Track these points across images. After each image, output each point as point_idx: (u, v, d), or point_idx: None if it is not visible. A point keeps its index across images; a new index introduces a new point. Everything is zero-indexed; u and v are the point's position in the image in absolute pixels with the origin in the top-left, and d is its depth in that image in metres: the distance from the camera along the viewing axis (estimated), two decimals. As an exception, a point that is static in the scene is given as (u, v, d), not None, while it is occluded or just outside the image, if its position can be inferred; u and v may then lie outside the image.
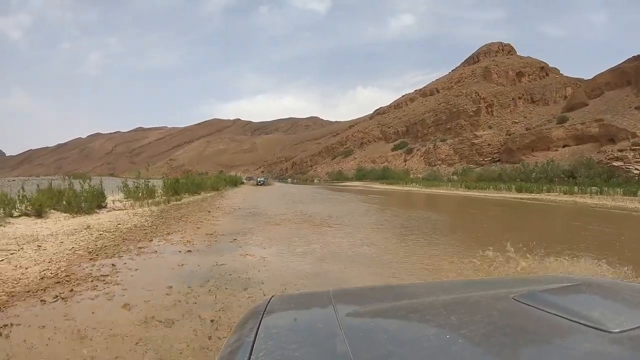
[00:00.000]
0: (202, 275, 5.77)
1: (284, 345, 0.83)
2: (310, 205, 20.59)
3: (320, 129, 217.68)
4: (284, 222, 12.75)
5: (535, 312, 0.96)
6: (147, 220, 11.85)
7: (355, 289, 1.50)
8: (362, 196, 31.05)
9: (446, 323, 0.92)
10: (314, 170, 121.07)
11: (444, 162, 71.41)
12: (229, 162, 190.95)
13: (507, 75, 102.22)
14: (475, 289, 1.34)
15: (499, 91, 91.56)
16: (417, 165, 77.33)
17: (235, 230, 10.69)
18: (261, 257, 7.14)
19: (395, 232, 11.29)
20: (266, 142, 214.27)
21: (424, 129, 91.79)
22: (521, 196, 30.38)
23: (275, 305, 1.13)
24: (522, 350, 0.78)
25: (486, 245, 7.45)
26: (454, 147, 71.81)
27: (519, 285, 1.31)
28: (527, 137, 59.13)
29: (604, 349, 0.77)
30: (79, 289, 4.94)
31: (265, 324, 0.96)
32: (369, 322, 0.97)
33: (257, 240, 9.25)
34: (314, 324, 0.98)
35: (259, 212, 16.34)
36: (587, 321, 0.87)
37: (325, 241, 9.18)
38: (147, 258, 6.96)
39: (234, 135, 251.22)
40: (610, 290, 1.27)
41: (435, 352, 0.77)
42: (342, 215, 15.05)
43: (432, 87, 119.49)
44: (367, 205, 21.57)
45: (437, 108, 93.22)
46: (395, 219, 14.90)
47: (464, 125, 79.10)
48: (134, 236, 9.01)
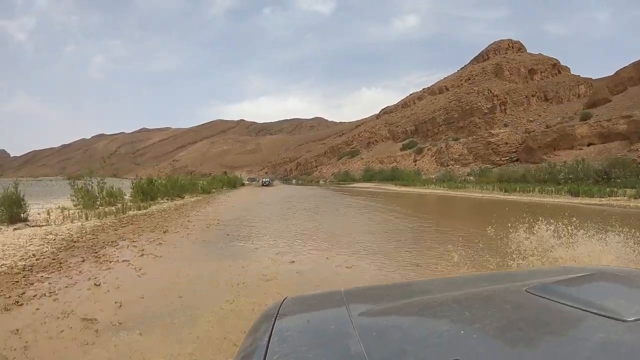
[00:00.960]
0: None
1: (298, 348, 0.82)
2: (325, 217, 15.41)
3: (324, 130, 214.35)
4: (283, 265, 7.31)
5: (548, 303, 0.96)
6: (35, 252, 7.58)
7: (367, 288, 1.43)
8: (384, 201, 26.59)
9: (459, 318, 0.92)
10: (319, 171, 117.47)
11: (457, 162, 67.46)
12: (232, 163, 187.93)
13: (519, 72, 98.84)
14: (487, 282, 1.34)
15: (512, 89, 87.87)
16: (428, 165, 73.43)
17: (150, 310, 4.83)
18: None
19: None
20: (270, 143, 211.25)
21: (434, 128, 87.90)
22: (587, 201, 24.91)
23: (288, 307, 1.11)
24: (536, 343, 0.78)
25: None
26: (468, 146, 67.82)
27: (531, 278, 1.31)
28: (548, 135, 55.12)
29: (618, 338, 0.77)
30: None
31: (278, 326, 0.95)
32: (381, 320, 0.97)
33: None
34: (327, 325, 0.97)
35: (244, 233, 11.25)
36: (601, 311, 0.86)
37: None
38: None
39: (238, 136, 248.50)
40: (624, 280, 1.26)
41: (450, 348, 0.76)
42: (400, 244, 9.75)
43: (440, 85, 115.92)
44: (411, 220, 15.33)
45: (448, 106, 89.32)
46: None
47: (478, 124, 75.09)
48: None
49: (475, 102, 79.66)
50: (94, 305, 4.91)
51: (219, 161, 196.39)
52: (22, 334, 3.99)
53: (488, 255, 6.82)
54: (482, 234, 8.78)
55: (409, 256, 8.27)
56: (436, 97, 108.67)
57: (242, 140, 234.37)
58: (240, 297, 5.16)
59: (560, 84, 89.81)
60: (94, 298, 5.19)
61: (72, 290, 5.46)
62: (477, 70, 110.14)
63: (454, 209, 22.53)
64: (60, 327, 4.18)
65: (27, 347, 3.70)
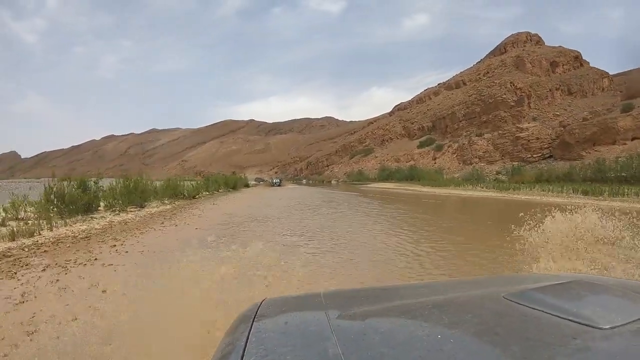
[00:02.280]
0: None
1: (276, 349, 0.82)
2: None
3: (335, 129, 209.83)
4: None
5: (526, 310, 0.97)
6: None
7: (346, 291, 1.44)
8: (438, 214, 20.25)
9: (438, 323, 0.93)
10: (330, 170, 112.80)
11: (482, 159, 62.11)
12: (242, 163, 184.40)
13: (540, 65, 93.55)
14: (466, 288, 1.34)
15: (535, 82, 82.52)
16: (450, 163, 68.14)
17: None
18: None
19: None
20: (280, 143, 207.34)
21: (453, 124, 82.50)
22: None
23: (267, 308, 1.11)
24: (513, 349, 0.79)
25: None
26: (493, 142, 62.47)
27: (510, 284, 1.32)
28: (587, 129, 49.57)
29: (594, 345, 0.78)
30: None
31: (256, 327, 0.96)
32: (360, 324, 0.97)
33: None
34: (305, 327, 0.97)
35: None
36: (578, 318, 0.88)
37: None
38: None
39: (248, 135, 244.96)
40: (601, 287, 1.28)
41: (428, 353, 0.77)
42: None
43: (457, 80, 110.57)
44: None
45: (468, 100, 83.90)
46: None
47: (504, 117, 69.53)
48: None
49: (500, 95, 74.09)
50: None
51: (228, 161, 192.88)
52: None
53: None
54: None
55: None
56: (453, 91, 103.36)
57: (251, 140, 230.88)
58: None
59: (584, 77, 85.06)
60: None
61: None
62: (496, 63, 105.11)
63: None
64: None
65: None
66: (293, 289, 5.01)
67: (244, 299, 3.53)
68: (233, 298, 3.74)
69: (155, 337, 3.60)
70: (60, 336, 4.09)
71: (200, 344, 3.18)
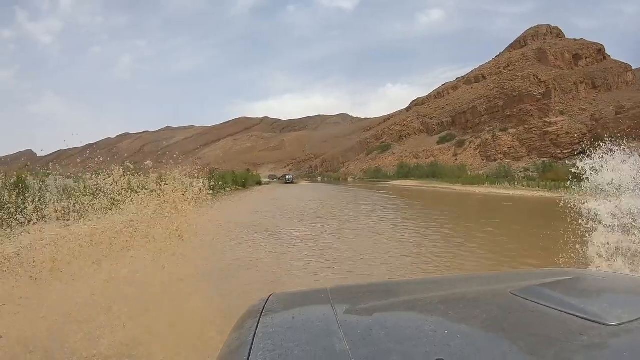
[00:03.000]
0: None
1: (283, 344, 0.83)
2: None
3: (350, 125, 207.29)
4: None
5: (532, 306, 0.97)
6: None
7: (352, 286, 1.43)
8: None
9: (444, 319, 0.94)
10: (346, 167, 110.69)
11: (507, 155, 59.25)
12: (256, 160, 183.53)
13: (563, 57, 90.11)
14: (472, 284, 1.35)
15: (559, 75, 79.09)
16: (472, 160, 65.36)
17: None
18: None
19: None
20: (294, 140, 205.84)
21: (474, 118, 79.49)
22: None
23: (274, 304, 1.12)
24: (520, 344, 0.79)
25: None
26: (519, 137, 59.55)
27: (517, 280, 1.32)
28: (622, 122, 46.43)
29: (601, 342, 0.78)
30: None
31: (263, 322, 0.97)
32: (367, 319, 0.97)
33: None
34: (312, 322, 0.98)
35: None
36: (585, 314, 0.88)
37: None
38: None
39: (262, 133, 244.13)
40: (607, 283, 1.29)
41: (434, 348, 0.77)
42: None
43: (477, 74, 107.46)
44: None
45: (490, 94, 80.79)
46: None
47: (529, 111, 66.29)
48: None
49: (524, 88, 70.84)
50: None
51: (242, 158, 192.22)
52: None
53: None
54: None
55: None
56: (472, 86, 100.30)
57: (265, 137, 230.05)
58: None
59: (608, 71, 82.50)
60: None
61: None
62: (517, 56, 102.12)
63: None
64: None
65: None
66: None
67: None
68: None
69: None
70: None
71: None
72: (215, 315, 4.27)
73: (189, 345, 3.54)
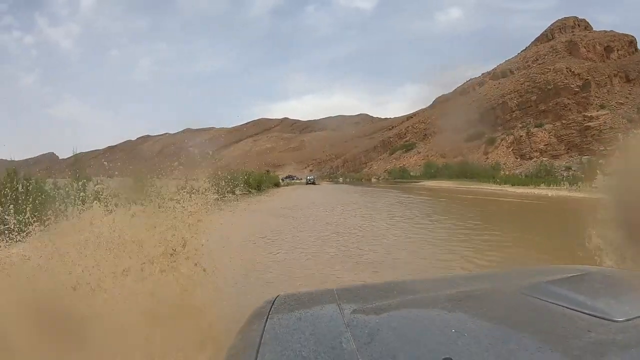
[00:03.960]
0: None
1: (290, 345, 0.83)
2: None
3: (371, 125, 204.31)
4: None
5: (540, 303, 0.98)
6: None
7: (359, 286, 1.46)
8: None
9: (451, 317, 0.94)
10: (368, 167, 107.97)
11: (544, 153, 55.72)
12: (276, 161, 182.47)
13: (595, 50, 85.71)
14: (479, 282, 1.36)
15: (592, 67, 74.89)
16: (505, 158, 61.90)
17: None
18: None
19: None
20: (314, 140, 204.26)
21: (505, 114, 75.69)
22: None
23: (280, 305, 1.12)
24: (527, 342, 0.80)
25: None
26: (556, 133, 55.96)
27: (524, 277, 1.33)
28: (676, 115, 42.65)
29: (608, 338, 0.78)
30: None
31: (270, 324, 0.96)
32: (374, 319, 0.97)
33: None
34: (319, 323, 0.98)
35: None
36: (592, 311, 0.88)
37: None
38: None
39: (282, 133, 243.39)
40: (615, 280, 1.30)
41: (441, 347, 0.78)
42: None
43: (503, 69, 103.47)
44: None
45: (521, 88, 76.92)
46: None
47: (567, 105, 62.26)
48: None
49: (560, 80, 66.91)
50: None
51: (262, 159, 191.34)
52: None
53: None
54: None
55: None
56: (500, 81, 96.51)
57: (285, 137, 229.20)
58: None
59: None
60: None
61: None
62: (545, 49, 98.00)
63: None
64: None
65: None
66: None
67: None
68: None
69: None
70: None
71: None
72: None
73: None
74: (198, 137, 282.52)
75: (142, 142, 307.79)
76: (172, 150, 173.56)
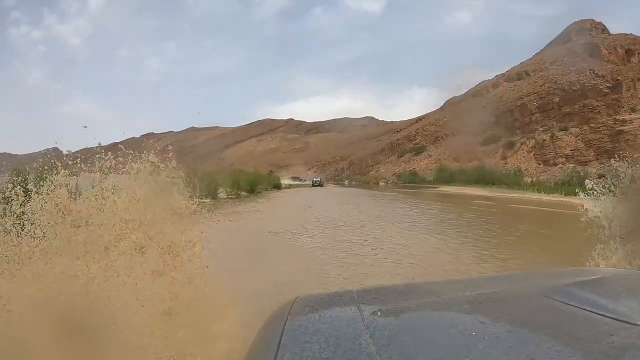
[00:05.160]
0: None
1: (310, 347, 0.83)
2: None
3: (377, 128, 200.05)
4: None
5: (561, 306, 0.97)
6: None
7: (378, 288, 1.42)
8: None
9: (471, 320, 0.93)
10: (375, 170, 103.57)
11: (571, 158, 51.19)
12: (279, 162, 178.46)
13: (616, 52, 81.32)
14: (500, 284, 1.36)
15: (615, 70, 70.41)
16: (526, 163, 57.39)
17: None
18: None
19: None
20: (320, 141, 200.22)
21: (524, 117, 71.17)
22: None
23: (300, 306, 1.12)
24: (549, 345, 0.79)
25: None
26: (584, 137, 51.40)
27: (545, 280, 1.34)
28: None
29: (631, 342, 0.78)
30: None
31: (290, 325, 0.96)
32: (393, 321, 0.98)
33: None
34: (338, 325, 0.98)
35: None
36: (614, 314, 0.87)
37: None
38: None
39: (286, 134, 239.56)
40: (634, 282, 1.28)
41: (462, 350, 0.78)
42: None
43: (519, 71, 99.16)
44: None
45: (540, 90, 72.46)
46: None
47: (595, 108, 57.65)
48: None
49: (587, 81, 62.31)
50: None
51: (266, 159, 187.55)
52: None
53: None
54: None
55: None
56: (515, 83, 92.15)
57: (290, 138, 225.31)
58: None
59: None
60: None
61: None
62: (562, 51, 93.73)
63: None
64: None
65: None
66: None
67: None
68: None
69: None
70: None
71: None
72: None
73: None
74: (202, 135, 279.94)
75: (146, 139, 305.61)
76: (175, 148, 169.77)
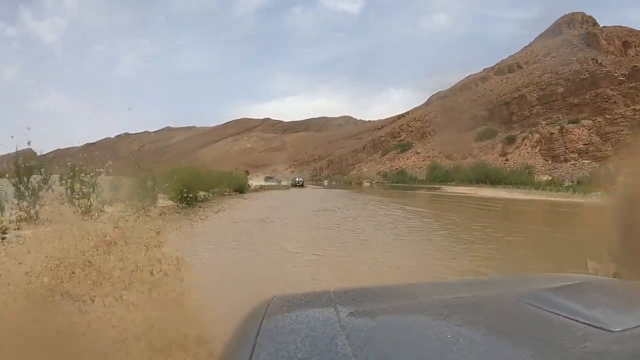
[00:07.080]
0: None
1: (285, 347, 0.83)
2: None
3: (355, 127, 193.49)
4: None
5: (536, 311, 0.97)
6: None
7: (356, 289, 1.43)
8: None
9: (448, 323, 0.93)
10: (357, 169, 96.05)
11: (585, 154, 44.34)
12: (256, 162, 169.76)
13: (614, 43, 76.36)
14: (477, 288, 1.36)
15: (616, 61, 64.93)
16: (531, 160, 50.47)
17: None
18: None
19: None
20: (297, 140, 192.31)
21: (523, 110, 64.64)
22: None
23: (276, 306, 1.11)
24: (523, 350, 0.79)
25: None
26: (599, 130, 44.60)
27: (521, 285, 1.35)
28: None
29: (604, 348, 0.78)
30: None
31: (265, 325, 0.96)
32: (370, 322, 0.98)
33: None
34: (315, 325, 0.97)
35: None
36: (588, 320, 0.88)
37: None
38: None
39: (262, 134, 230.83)
40: (611, 289, 1.30)
41: (437, 353, 0.78)
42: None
43: (510, 63, 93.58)
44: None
45: (540, 80, 66.11)
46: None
47: (610, 97, 50.96)
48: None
49: (598, 69, 55.87)
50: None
51: (242, 159, 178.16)
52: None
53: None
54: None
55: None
56: (507, 75, 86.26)
57: (266, 137, 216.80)
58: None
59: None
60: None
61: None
62: (557, 42, 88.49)
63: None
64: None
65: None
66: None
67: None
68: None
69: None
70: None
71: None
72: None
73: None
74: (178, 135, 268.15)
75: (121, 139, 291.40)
76: (150, 148, 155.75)
